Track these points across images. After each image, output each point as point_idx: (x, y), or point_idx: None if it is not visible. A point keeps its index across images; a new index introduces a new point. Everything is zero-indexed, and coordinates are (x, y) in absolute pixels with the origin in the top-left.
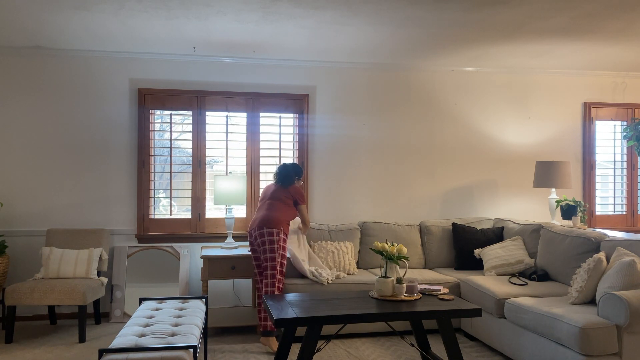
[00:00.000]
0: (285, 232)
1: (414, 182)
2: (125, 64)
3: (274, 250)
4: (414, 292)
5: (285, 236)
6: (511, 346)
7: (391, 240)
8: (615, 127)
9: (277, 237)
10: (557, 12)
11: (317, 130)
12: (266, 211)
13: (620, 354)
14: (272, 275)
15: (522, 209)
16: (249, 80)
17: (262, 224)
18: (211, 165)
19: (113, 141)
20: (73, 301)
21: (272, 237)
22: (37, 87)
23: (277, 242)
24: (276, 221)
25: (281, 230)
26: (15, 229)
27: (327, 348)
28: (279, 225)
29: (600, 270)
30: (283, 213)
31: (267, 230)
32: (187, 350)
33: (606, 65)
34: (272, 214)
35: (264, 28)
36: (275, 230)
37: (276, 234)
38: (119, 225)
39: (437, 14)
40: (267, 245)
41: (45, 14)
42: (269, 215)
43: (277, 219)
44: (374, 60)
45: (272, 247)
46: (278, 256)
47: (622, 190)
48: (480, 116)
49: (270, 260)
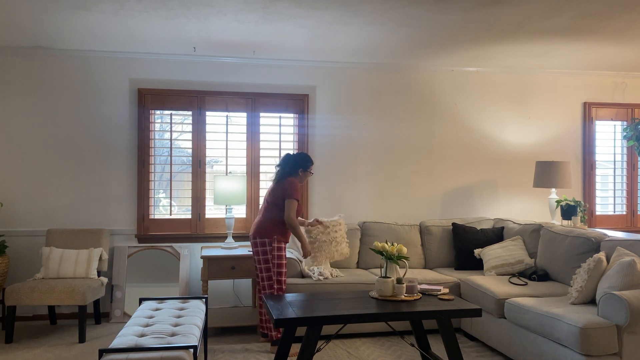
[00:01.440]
0: (279, 239)
1: (414, 182)
2: (125, 64)
3: (267, 261)
4: (414, 292)
5: (280, 243)
6: (511, 346)
7: (391, 240)
8: (615, 127)
9: (270, 247)
10: (557, 12)
11: (317, 130)
12: (260, 217)
13: (620, 354)
14: (269, 285)
15: (522, 209)
16: (249, 80)
17: (255, 233)
18: (211, 165)
19: (113, 141)
20: (73, 301)
21: (265, 247)
22: (37, 87)
23: (271, 252)
24: (268, 230)
25: (274, 239)
26: (15, 229)
27: (327, 348)
28: (271, 234)
29: (600, 270)
30: (275, 219)
31: (259, 241)
32: (187, 350)
33: (606, 65)
34: (263, 221)
35: (264, 28)
36: (268, 241)
37: (268, 244)
38: (119, 225)
39: (437, 14)
40: (260, 256)
41: (45, 14)
42: (261, 223)
43: (268, 228)
44: (374, 60)
45: (265, 258)
46: (273, 266)
47: (622, 190)
48: (480, 116)
49: (265, 271)
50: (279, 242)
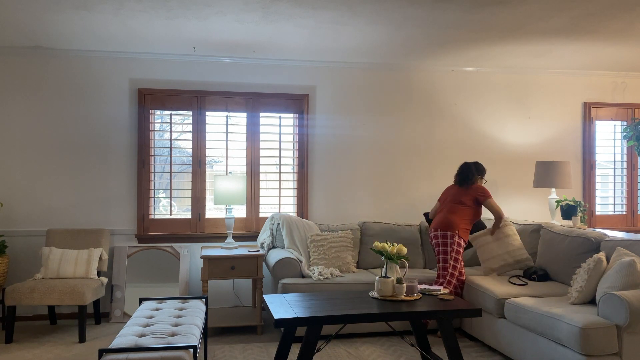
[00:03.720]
0: (461, 235)
1: (414, 182)
2: (125, 64)
3: (447, 253)
4: (414, 292)
5: (461, 240)
6: (511, 346)
7: (391, 240)
8: (615, 127)
9: (451, 241)
10: (557, 12)
11: (317, 130)
12: (445, 214)
13: (620, 354)
14: (443, 275)
15: (522, 209)
16: (249, 80)
17: (437, 227)
18: (211, 165)
19: (113, 141)
20: (73, 301)
21: (446, 239)
22: (37, 87)
23: (451, 245)
24: (452, 224)
25: (456, 234)
26: (15, 229)
27: (327, 348)
28: (454, 228)
29: (600, 270)
30: (459, 216)
31: (441, 233)
32: (187, 350)
33: (606, 65)
34: (449, 217)
35: (264, 28)
36: (450, 234)
37: (450, 237)
38: (119, 225)
39: (437, 14)
40: (440, 247)
41: (45, 14)
42: (446, 218)
43: (453, 222)
44: (374, 60)
45: (445, 250)
46: (451, 259)
47: (622, 190)
48: (480, 116)
49: (442, 262)
50: (460, 237)
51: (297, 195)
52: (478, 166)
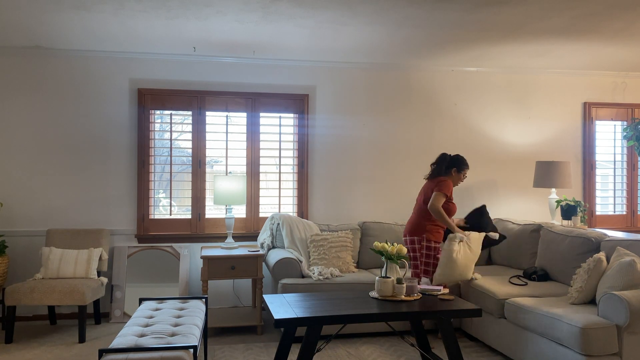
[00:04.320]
0: (430, 238)
1: (414, 182)
2: (125, 64)
3: (416, 259)
4: (414, 292)
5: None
6: (511, 346)
7: (391, 240)
8: (615, 127)
9: (419, 246)
10: (557, 12)
11: (317, 130)
12: (412, 216)
13: (620, 354)
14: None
15: (522, 209)
16: (248, 80)
17: (405, 232)
18: (211, 165)
19: (113, 141)
20: (73, 301)
21: (414, 244)
22: (37, 87)
23: (419, 251)
24: (417, 228)
25: (423, 237)
26: (15, 229)
27: (327, 348)
28: (420, 232)
29: (600, 270)
30: (424, 217)
31: (409, 239)
32: (187, 350)
33: (606, 65)
34: (414, 219)
35: (264, 28)
36: (417, 239)
37: (417, 241)
38: (119, 225)
39: (437, 14)
40: (410, 253)
41: (45, 14)
42: (411, 221)
43: (418, 225)
44: (374, 60)
45: (414, 255)
46: (421, 264)
47: (622, 190)
48: (480, 116)
49: (413, 268)
50: (428, 240)
51: (297, 195)
52: (455, 158)
